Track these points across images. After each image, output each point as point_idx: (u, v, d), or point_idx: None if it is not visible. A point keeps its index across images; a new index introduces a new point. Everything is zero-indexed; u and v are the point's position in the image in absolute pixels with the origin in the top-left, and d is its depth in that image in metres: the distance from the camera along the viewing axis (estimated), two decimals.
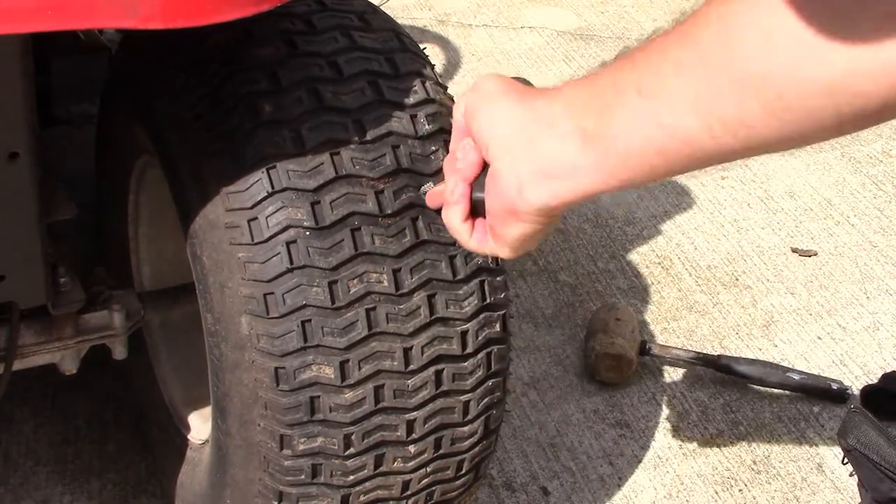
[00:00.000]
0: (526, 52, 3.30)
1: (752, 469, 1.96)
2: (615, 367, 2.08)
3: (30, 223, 1.30)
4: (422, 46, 1.31)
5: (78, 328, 1.48)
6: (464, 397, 1.20)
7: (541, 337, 2.23)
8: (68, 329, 1.47)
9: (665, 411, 2.06)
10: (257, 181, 1.11)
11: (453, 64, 3.18)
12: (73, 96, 1.85)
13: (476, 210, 1.00)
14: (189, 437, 1.58)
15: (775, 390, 2.11)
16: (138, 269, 1.64)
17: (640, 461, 1.96)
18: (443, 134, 1.20)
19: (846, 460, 1.48)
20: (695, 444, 2.00)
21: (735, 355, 2.17)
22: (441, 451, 1.23)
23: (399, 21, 1.34)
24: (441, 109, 1.22)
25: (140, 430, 1.85)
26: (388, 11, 1.35)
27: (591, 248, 2.49)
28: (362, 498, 1.23)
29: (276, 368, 1.13)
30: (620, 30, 3.45)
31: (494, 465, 1.92)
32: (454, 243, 1.17)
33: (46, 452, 1.89)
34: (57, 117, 1.85)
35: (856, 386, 2.10)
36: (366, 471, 1.19)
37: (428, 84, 1.21)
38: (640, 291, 2.37)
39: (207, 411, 1.48)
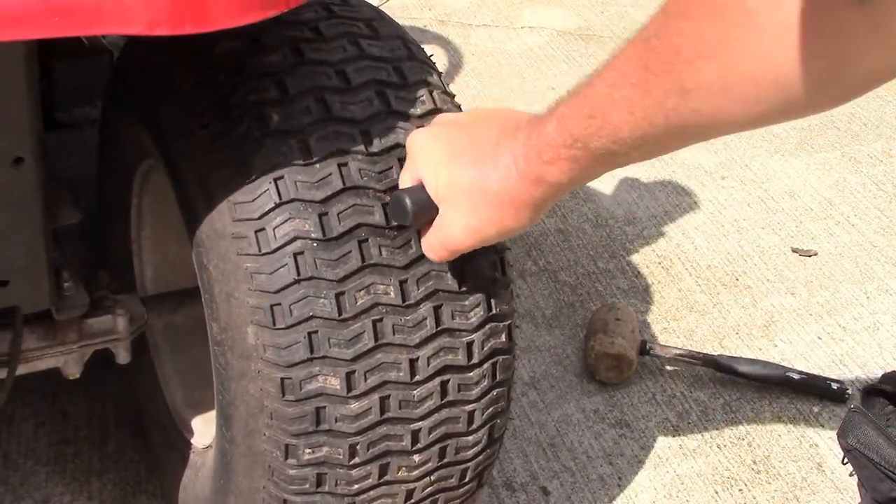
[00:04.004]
0: (526, 52, 3.30)
1: (752, 469, 1.96)
2: (615, 367, 2.08)
3: (34, 228, 1.29)
4: (422, 46, 1.30)
5: (81, 333, 1.48)
6: (469, 407, 1.20)
7: (541, 337, 2.23)
8: (72, 334, 1.47)
9: (665, 411, 2.06)
10: (265, 192, 1.11)
11: (453, 64, 3.17)
12: (74, 100, 1.84)
13: None
14: (192, 441, 1.58)
15: (775, 390, 2.12)
16: (141, 273, 1.64)
17: (640, 461, 1.96)
18: None
19: (846, 460, 1.48)
20: (695, 444, 2.00)
21: (735, 355, 2.17)
22: (445, 460, 1.22)
23: (399, 21, 1.33)
24: None
25: (141, 431, 1.85)
26: (387, 11, 1.35)
27: (591, 248, 2.49)
28: None
29: (283, 379, 1.13)
30: (620, 30, 3.45)
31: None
32: None
33: (46, 452, 1.88)
34: (59, 121, 1.84)
35: (856, 386, 2.11)
36: (370, 480, 1.19)
37: (436, 93, 1.20)
38: (640, 291, 2.37)
39: (210, 415, 1.47)
